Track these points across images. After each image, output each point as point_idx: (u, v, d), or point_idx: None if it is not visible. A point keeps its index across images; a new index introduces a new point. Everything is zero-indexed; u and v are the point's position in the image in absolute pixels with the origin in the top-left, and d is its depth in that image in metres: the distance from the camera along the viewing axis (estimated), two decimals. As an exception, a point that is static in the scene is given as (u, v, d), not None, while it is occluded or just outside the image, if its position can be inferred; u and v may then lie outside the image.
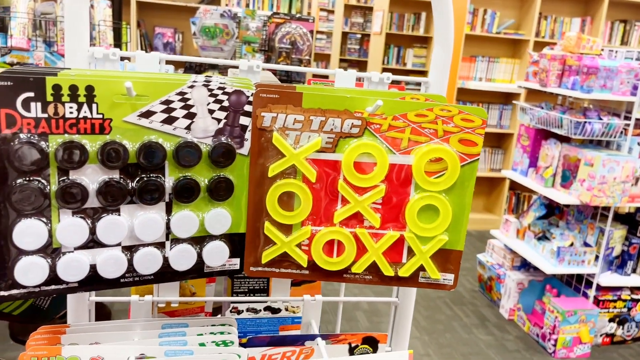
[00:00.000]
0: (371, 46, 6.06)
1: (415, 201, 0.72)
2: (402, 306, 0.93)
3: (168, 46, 4.21)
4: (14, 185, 0.60)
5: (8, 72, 0.58)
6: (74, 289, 0.67)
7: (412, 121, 0.70)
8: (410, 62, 6.00)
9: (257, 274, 0.75)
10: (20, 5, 2.44)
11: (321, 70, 0.85)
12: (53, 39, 2.54)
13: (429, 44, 5.96)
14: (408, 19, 5.88)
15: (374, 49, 5.93)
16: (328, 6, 7.23)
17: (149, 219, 0.67)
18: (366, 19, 7.00)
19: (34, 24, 2.52)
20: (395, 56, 5.96)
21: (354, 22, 7.01)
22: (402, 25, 5.93)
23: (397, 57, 5.97)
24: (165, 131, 0.66)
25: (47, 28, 2.55)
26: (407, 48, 6.02)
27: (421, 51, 5.99)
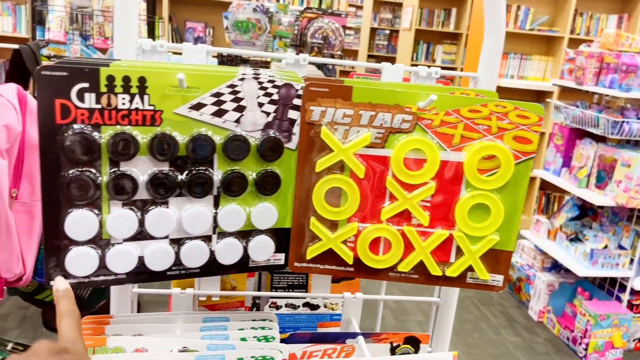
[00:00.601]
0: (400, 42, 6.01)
1: (466, 199, 0.70)
2: (444, 306, 0.91)
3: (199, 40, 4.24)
4: (67, 175, 0.60)
5: (63, 62, 0.58)
6: (122, 280, 0.67)
7: (465, 117, 0.68)
8: (439, 59, 5.93)
9: (302, 270, 0.75)
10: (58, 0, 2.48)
11: (369, 64, 0.83)
12: (89, 33, 2.58)
13: (459, 41, 5.88)
14: (438, 15, 5.81)
15: (402, 45, 5.87)
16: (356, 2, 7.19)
17: (197, 212, 0.67)
18: (395, 15, 6.93)
19: (71, 18, 2.55)
20: (425, 52, 5.90)
21: (382, 18, 6.95)
22: (431, 21, 5.86)
23: (427, 54, 5.90)
24: (215, 124, 0.65)
25: (83, 22, 2.58)
26: (436, 44, 5.95)
27: (451, 47, 5.91)
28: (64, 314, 0.53)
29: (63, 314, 0.53)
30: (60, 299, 0.54)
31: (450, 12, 5.79)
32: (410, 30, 5.64)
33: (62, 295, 0.55)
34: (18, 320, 2.82)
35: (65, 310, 0.53)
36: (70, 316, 0.53)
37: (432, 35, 5.86)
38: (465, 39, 5.73)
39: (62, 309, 0.53)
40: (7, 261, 0.88)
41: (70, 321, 0.52)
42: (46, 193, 0.60)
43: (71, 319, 0.53)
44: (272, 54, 0.80)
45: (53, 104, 0.58)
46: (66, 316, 0.53)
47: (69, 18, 2.55)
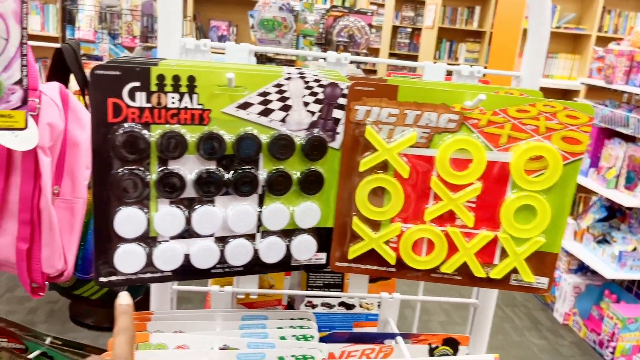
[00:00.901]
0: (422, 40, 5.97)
1: (512, 201, 0.69)
2: (482, 308, 0.91)
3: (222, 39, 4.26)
4: (117, 174, 0.61)
5: (114, 61, 0.59)
6: (168, 277, 0.67)
7: (513, 117, 0.67)
8: (462, 57, 5.88)
9: (343, 270, 0.74)
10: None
11: (410, 62, 0.83)
12: (117, 32, 2.61)
13: (482, 39, 5.82)
14: (461, 13, 5.76)
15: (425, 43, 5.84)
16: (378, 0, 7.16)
17: (242, 210, 0.67)
18: (417, 13, 6.88)
19: (100, 17, 2.59)
20: (447, 51, 5.85)
21: (404, 16, 6.91)
22: (455, 19, 5.81)
23: (449, 52, 5.86)
24: (261, 123, 0.65)
25: (112, 21, 2.61)
26: (459, 42, 5.89)
27: (474, 46, 5.86)
28: (121, 330, 0.53)
29: (120, 331, 0.53)
30: (120, 315, 0.55)
31: (473, 10, 5.74)
32: (433, 28, 5.60)
33: (124, 311, 0.55)
34: (46, 314, 2.87)
35: (124, 327, 0.53)
36: (126, 334, 0.53)
37: (455, 33, 5.81)
38: (488, 37, 5.67)
39: (120, 325, 0.53)
40: (49, 257, 0.90)
41: (125, 339, 0.53)
42: (97, 191, 0.61)
43: (127, 337, 0.53)
44: (314, 52, 0.80)
45: (105, 103, 0.59)
46: (122, 333, 0.53)
47: (98, 17, 2.58)
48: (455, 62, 5.82)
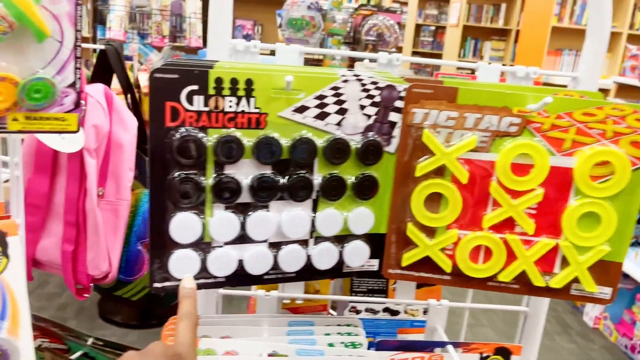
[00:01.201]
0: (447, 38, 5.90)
1: (575, 208, 0.66)
2: (533, 316, 0.88)
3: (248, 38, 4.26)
4: (173, 178, 0.60)
5: (172, 64, 0.58)
6: (221, 283, 0.66)
7: (578, 120, 0.64)
8: (487, 55, 5.80)
9: (396, 277, 0.73)
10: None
11: (464, 63, 0.80)
12: (147, 31, 2.62)
13: (508, 37, 5.74)
14: (487, 11, 5.68)
15: (449, 41, 5.77)
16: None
17: (296, 215, 0.66)
18: (441, 11, 6.81)
19: (130, 17, 2.60)
20: (472, 49, 5.78)
21: (428, 14, 6.84)
22: (480, 17, 5.74)
23: (474, 50, 5.78)
24: (316, 127, 0.64)
25: (142, 21, 2.63)
26: (484, 41, 5.82)
27: (499, 44, 5.78)
28: (183, 316, 0.52)
29: (183, 316, 0.52)
30: (183, 298, 0.54)
31: (499, 8, 5.65)
32: (458, 26, 5.53)
33: (186, 295, 0.54)
34: (75, 311, 2.90)
35: (186, 312, 0.52)
36: (189, 319, 0.52)
37: (480, 31, 5.73)
38: (514, 35, 5.58)
39: (183, 310, 0.53)
40: (95, 259, 0.90)
41: (188, 325, 0.52)
42: (153, 195, 0.60)
43: (189, 323, 0.52)
44: (366, 54, 0.79)
45: (164, 107, 0.58)
46: (185, 319, 0.52)
47: (128, 17, 2.60)
48: (480, 60, 5.75)
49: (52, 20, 0.62)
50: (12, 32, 0.59)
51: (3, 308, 0.63)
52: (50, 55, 0.63)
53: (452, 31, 5.71)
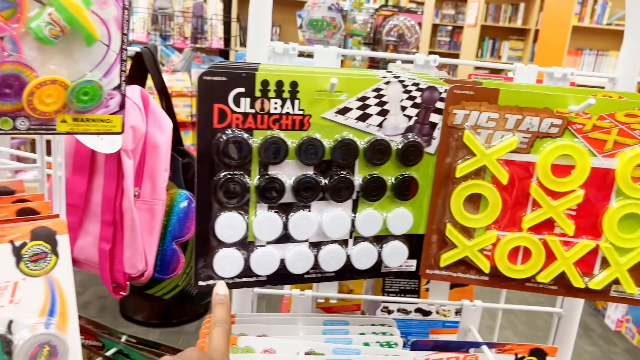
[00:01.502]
0: (464, 38, 5.87)
1: (616, 209, 0.66)
2: (567, 317, 0.88)
3: (266, 39, 4.27)
4: (220, 179, 0.61)
5: (218, 67, 0.59)
6: (263, 282, 0.67)
7: (621, 121, 0.64)
8: (505, 55, 5.76)
9: (434, 277, 0.73)
10: (141, 1, 2.56)
11: (500, 64, 0.80)
12: (169, 33, 2.65)
13: (526, 37, 5.69)
14: (505, 10, 5.64)
15: (467, 41, 5.74)
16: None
17: (337, 216, 0.66)
18: (458, 11, 6.78)
19: (152, 19, 2.63)
20: (490, 49, 5.75)
21: (444, 14, 6.81)
22: (498, 17, 5.70)
23: (492, 50, 5.75)
24: (358, 128, 0.65)
25: (164, 22, 2.66)
26: (502, 40, 5.78)
27: (518, 44, 5.73)
28: (217, 322, 0.52)
29: (216, 322, 0.52)
30: (217, 305, 0.54)
31: (518, 7, 5.61)
32: (476, 26, 5.51)
33: (220, 301, 0.55)
34: (97, 309, 2.94)
35: (220, 318, 0.53)
36: (223, 326, 0.52)
37: (498, 31, 5.70)
38: (533, 35, 5.54)
39: (216, 317, 0.53)
40: (131, 257, 0.91)
41: (222, 331, 0.52)
42: (200, 195, 0.61)
43: (223, 329, 0.52)
44: (403, 55, 0.79)
45: (212, 109, 0.59)
46: (219, 325, 0.52)
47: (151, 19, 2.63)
48: (498, 60, 5.71)
49: (101, 24, 0.63)
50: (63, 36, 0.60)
51: (52, 305, 0.64)
52: (97, 58, 0.64)
53: (470, 31, 5.68)
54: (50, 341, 0.62)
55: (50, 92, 0.61)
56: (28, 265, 0.61)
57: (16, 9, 0.58)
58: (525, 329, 3.08)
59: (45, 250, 0.62)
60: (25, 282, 0.61)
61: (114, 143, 0.88)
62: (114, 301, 3.06)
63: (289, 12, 4.04)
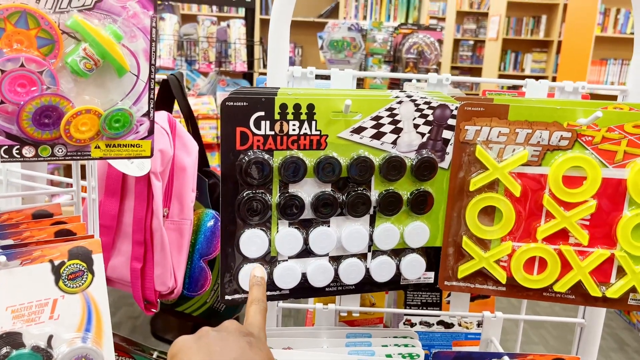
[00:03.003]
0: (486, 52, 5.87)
1: (630, 218, 0.68)
2: (590, 328, 0.88)
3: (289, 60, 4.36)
4: (243, 197, 0.65)
5: (239, 93, 0.63)
6: (286, 295, 0.70)
7: (630, 133, 0.66)
8: (528, 68, 5.74)
9: (452, 289, 0.75)
10: (167, 28, 2.66)
11: (511, 81, 0.83)
12: (194, 58, 2.74)
13: (549, 48, 5.67)
14: (527, 23, 5.63)
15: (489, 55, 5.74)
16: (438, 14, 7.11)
17: (355, 230, 0.69)
18: (479, 25, 6.79)
19: (178, 45, 2.72)
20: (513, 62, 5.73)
21: (466, 29, 6.83)
22: (519, 30, 5.69)
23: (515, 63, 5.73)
24: (373, 146, 0.68)
25: (189, 48, 2.74)
26: (525, 53, 5.76)
27: (541, 56, 5.71)
28: (254, 300, 0.56)
29: (253, 300, 0.56)
30: (254, 286, 0.58)
31: (539, 20, 5.60)
32: (497, 39, 5.51)
33: (257, 283, 0.58)
34: (129, 330, 3.00)
35: (256, 297, 0.57)
36: (259, 304, 0.56)
37: (520, 44, 5.69)
38: (556, 47, 5.51)
39: (253, 296, 0.57)
40: (161, 275, 0.96)
41: (258, 308, 0.56)
42: (224, 213, 0.65)
43: (260, 307, 0.56)
44: (415, 75, 0.82)
45: (235, 132, 0.63)
46: (256, 304, 0.56)
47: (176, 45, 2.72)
48: (521, 73, 5.69)
49: (130, 56, 0.68)
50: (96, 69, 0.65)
51: (89, 320, 0.68)
52: (128, 87, 0.69)
53: (492, 45, 5.68)
54: (87, 354, 0.66)
55: (85, 120, 0.65)
56: (66, 283, 0.65)
57: (54, 45, 0.63)
58: (556, 343, 3.02)
59: (81, 269, 0.67)
60: (63, 300, 0.66)
61: (144, 166, 0.93)
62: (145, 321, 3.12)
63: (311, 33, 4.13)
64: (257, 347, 0.51)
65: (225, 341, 0.50)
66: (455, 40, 6.84)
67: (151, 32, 0.68)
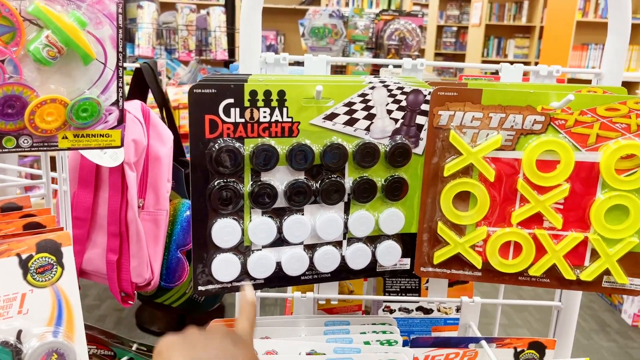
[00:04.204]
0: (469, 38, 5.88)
1: (603, 201, 0.68)
2: (566, 311, 0.89)
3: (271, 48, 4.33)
4: (214, 187, 0.64)
5: (208, 80, 0.62)
6: (260, 285, 0.70)
7: (602, 116, 0.66)
8: (511, 54, 5.75)
9: (428, 275, 0.75)
10: (146, 17, 2.61)
11: (486, 65, 0.82)
12: (174, 47, 2.70)
13: (531, 34, 5.68)
14: (509, 9, 5.64)
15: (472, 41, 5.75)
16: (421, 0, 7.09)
17: (329, 218, 0.69)
18: (462, 11, 6.78)
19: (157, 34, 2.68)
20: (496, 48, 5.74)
21: (449, 15, 6.82)
22: (502, 16, 5.70)
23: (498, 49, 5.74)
24: (346, 132, 0.67)
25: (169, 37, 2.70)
26: (508, 39, 5.77)
27: (523, 41, 5.72)
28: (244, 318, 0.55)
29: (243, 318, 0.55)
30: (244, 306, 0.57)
31: (521, 5, 5.61)
32: (480, 25, 5.51)
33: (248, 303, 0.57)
34: (114, 322, 2.98)
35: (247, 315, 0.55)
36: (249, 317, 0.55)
37: (503, 29, 5.70)
38: (539, 32, 5.53)
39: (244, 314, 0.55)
40: (138, 267, 0.94)
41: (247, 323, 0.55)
42: (195, 203, 0.64)
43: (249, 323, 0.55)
44: (390, 60, 0.81)
45: (203, 120, 0.61)
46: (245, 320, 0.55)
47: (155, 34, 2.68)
48: (504, 59, 5.70)
49: (96, 43, 0.66)
50: (60, 57, 0.63)
51: (59, 314, 0.67)
52: (95, 76, 0.67)
53: (475, 31, 5.68)
54: (58, 349, 0.65)
55: (50, 110, 0.64)
56: (35, 277, 0.64)
57: (15, 32, 0.61)
58: (539, 325, 3.06)
59: (50, 262, 0.65)
60: (32, 294, 0.64)
61: (117, 157, 0.91)
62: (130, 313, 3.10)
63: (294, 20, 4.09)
64: (241, 346, 0.51)
65: (209, 340, 0.50)
66: (438, 27, 6.83)
67: (117, 18, 0.66)
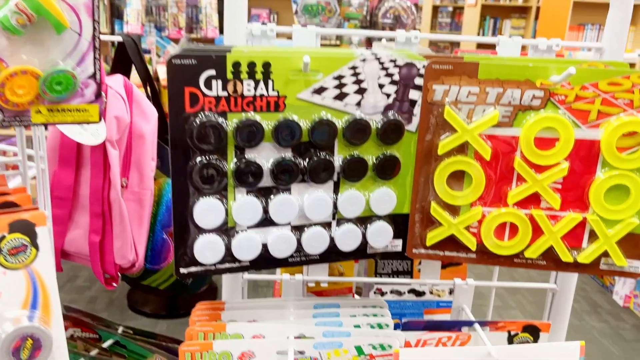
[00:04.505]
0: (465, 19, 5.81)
1: (603, 180, 0.65)
2: (562, 293, 0.87)
3: (264, 27, 4.25)
4: (195, 164, 0.60)
5: (189, 50, 0.58)
6: (246, 267, 0.67)
7: (604, 91, 0.63)
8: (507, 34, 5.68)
9: (421, 257, 0.72)
10: (134, -7, 2.55)
11: (483, 38, 0.79)
12: (164, 24, 2.63)
13: (528, 14, 5.62)
14: (506, -12, 5.57)
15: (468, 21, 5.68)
16: (417, -21, 6.99)
17: (318, 198, 0.66)
18: (458, -9, 6.69)
19: (146, 10, 2.62)
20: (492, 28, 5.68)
21: (445, -5, 6.73)
22: (498, -5, 5.63)
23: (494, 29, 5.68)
24: (336, 107, 0.64)
25: (158, 13, 2.64)
26: (504, 19, 5.71)
27: (520, 22, 5.66)
28: None
29: None
30: None
31: (518, -15, 5.54)
32: (476, 5, 5.44)
33: None
34: (105, 303, 2.96)
35: None
36: None
37: (499, 9, 5.63)
38: (534, 12, 5.47)
39: None
40: (121, 248, 0.91)
41: None
42: (176, 182, 0.61)
43: None
44: (383, 32, 0.78)
45: (183, 93, 0.58)
46: None
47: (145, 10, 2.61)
48: (500, 39, 5.66)
49: (70, 11, 0.62)
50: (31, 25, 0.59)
51: (35, 297, 0.64)
52: (69, 47, 0.63)
53: (471, 11, 5.61)
54: (33, 334, 0.62)
55: (21, 82, 0.60)
56: (7, 259, 0.61)
57: (-19, -1, 0.57)
58: (532, 308, 3.07)
59: (24, 243, 0.62)
60: (5, 276, 0.61)
61: (98, 134, 0.87)
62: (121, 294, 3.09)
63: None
64: None
65: None
66: (434, 7, 6.74)
67: (92, -16, 0.62)
